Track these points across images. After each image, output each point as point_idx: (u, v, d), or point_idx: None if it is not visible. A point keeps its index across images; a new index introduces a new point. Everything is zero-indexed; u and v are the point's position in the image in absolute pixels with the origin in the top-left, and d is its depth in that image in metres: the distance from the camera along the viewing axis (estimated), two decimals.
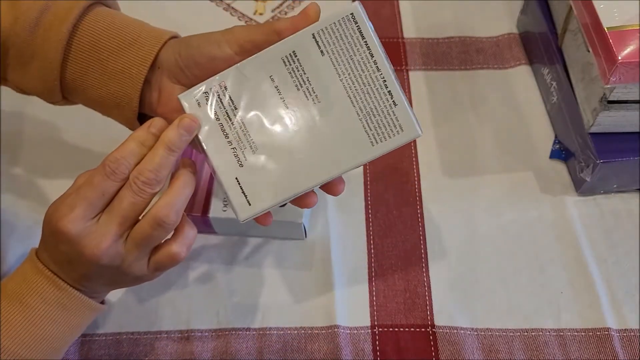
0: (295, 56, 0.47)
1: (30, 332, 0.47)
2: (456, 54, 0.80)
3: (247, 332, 0.60)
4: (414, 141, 0.72)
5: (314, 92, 0.47)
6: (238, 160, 0.48)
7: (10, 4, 0.51)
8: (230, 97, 0.47)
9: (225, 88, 0.47)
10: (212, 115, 0.48)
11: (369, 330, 0.60)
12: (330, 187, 0.51)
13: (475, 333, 0.59)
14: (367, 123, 0.47)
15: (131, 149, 0.47)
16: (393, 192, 0.69)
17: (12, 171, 0.71)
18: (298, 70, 0.47)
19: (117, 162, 0.46)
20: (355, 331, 0.60)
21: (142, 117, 0.53)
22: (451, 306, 0.61)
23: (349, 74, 0.47)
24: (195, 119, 0.47)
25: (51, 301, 0.48)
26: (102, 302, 0.53)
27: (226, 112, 0.48)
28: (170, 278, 0.62)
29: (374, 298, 0.62)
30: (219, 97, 0.47)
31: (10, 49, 0.51)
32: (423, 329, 0.60)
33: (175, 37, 0.53)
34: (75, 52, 0.51)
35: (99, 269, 0.47)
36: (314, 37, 0.47)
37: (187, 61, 0.50)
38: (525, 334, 0.59)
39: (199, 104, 0.47)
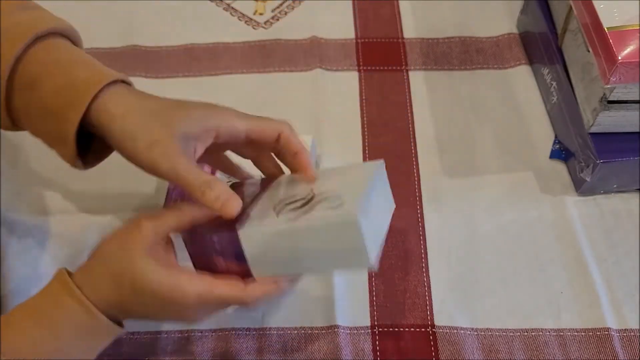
0: None
1: (57, 356, 0.47)
2: (456, 54, 0.80)
3: (247, 332, 0.60)
4: (414, 141, 0.72)
5: None
6: None
7: None
8: None
9: None
10: None
11: (369, 330, 0.60)
12: None
13: (475, 333, 0.59)
14: None
15: (271, 293, 0.49)
16: (393, 191, 0.68)
17: (11, 171, 0.71)
18: None
19: (256, 300, 0.48)
20: (356, 331, 0.60)
21: None
22: (451, 306, 0.61)
23: None
24: None
25: (81, 328, 0.47)
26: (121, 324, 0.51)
27: None
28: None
29: (374, 298, 0.62)
30: None
31: None
32: (423, 329, 0.60)
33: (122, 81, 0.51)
34: (18, 85, 0.49)
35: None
36: None
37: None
38: (525, 334, 0.59)
39: None
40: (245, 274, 0.50)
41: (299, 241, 0.47)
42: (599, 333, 0.59)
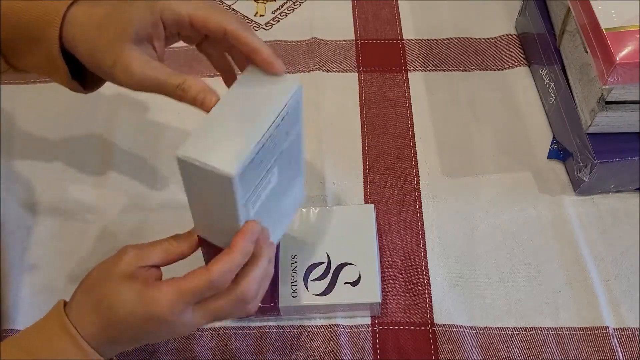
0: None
1: None
2: (455, 55, 0.80)
3: (247, 331, 0.60)
4: (413, 141, 0.72)
5: None
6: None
7: None
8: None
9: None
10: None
11: (369, 329, 0.60)
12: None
13: (474, 331, 0.60)
14: None
15: (235, 261, 0.46)
16: (392, 191, 0.69)
17: (11, 171, 0.71)
18: None
19: (222, 276, 0.45)
20: (356, 329, 0.60)
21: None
22: (450, 305, 0.61)
23: None
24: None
25: None
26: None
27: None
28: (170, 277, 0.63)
29: None
30: None
31: None
32: (423, 328, 0.60)
33: None
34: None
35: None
36: None
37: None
38: (524, 332, 0.60)
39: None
40: None
41: None
42: (597, 332, 0.59)
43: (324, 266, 0.59)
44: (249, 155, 0.42)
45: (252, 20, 0.85)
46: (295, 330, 0.60)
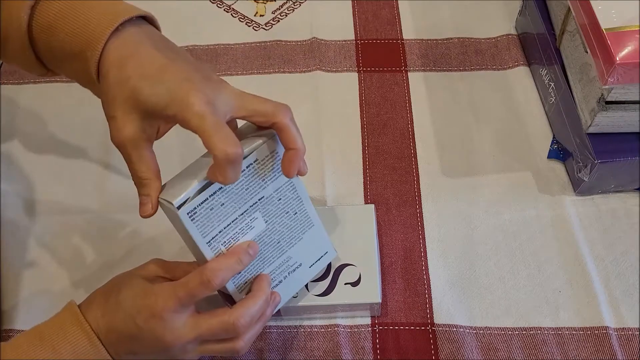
0: None
1: None
2: (455, 55, 0.80)
3: None
4: (413, 141, 0.73)
5: None
6: None
7: None
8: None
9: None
10: None
11: (369, 329, 0.60)
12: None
13: (474, 331, 0.60)
14: None
15: (230, 265, 0.49)
16: (392, 191, 0.69)
17: (11, 171, 0.71)
18: None
19: (215, 273, 0.47)
20: (356, 329, 0.60)
21: None
22: (450, 305, 0.61)
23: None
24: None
25: (81, 356, 0.48)
26: None
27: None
28: None
29: None
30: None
31: None
32: (423, 328, 0.60)
33: (142, 16, 0.49)
34: (37, 31, 0.49)
35: (160, 354, 0.49)
36: None
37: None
38: (524, 332, 0.60)
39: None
40: None
41: None
42: (597, 331, 0.59)
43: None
44: (194, 189, 0.46)
45: (252, 20, 0.85)
46: (295, 330, 0.60)
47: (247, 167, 0.48)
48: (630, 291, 0.62)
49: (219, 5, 0.87)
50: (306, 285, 0.58)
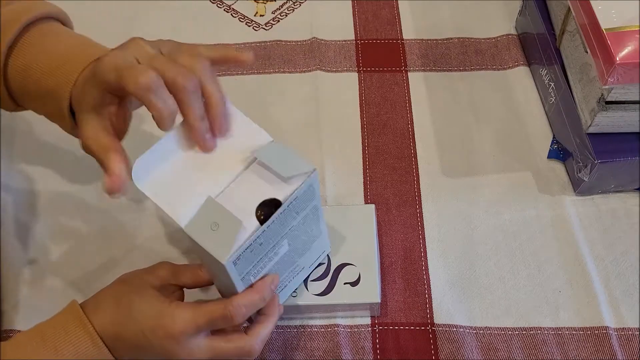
0: None
1: None
2: (455, 55, 0.80)
3: None
4: (413, 141, 0.73)
5: None
6: None
7: None
8: None
9: None
10: None
11: (369, 329, 0.60)
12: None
13: (474, 331, 0.60)
14: None
15: (254, 302, 0.49)
16: (392, 191, 0.69)
17: (11, 171, 0.71)
18: None
19: (239, 309, 0.48)
20: (356, 329, 0.60)
21: None
22: (450, 305, 0.61)
23: None
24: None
25: (83, 356, 0.48)
26: None
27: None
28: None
29: None
30: None
31: None
32: (423, 328, 0.60)
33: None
34: (12, 72, 0.52)
35: None
36: None
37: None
38: (524, 332, 0.60)
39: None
40: None
41: None
42: (597, 331, 0.59)
43: (324, 266, 0.59)
44: (243, 245, 0.44)
45: (252, 20, 0.85)
46: (295, 330, 0.60)
47: (288, 206, 0.47)
48: (630, 291, 0.62)
49: (219, 5, 0.87)
50: (305, 285, 0.58)
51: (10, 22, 0.51)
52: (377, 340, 0.60)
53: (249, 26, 0.84)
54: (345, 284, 0.58)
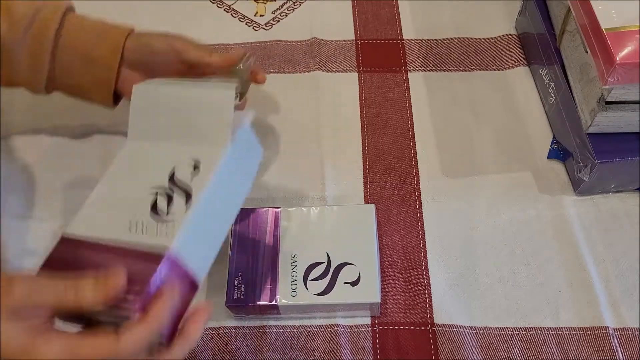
0: None
1: None
2: (455, 55, 0.80)
3: (247, 331, 0.60)
4: (413, 141, 0.73)
5: None
6: None
7: (4, 12, 0.59)
8: None
9: None
10: None
11: (369, 329, 0.60)
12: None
13: (474, 331, 0.60)
14: None
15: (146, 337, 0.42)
16: (392, 191, 0.69)
17: (11, 171, 0.71)
18: None
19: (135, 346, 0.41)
20: (356, 329, 0.60)
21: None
22: (450, 305, 0.61)
23: None
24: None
25: None
26: None
27: None
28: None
29: None
30: None
31: (4, 49, 0.59)
32: (423, 328, 0.60)
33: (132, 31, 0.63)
34: (62, 48, 0.60)
35: None
36: None
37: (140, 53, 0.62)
38: (524, 332, 0.60)
39: None
40: None
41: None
42: (597, 332, 0.59)
43: (323, 266, 0.59)
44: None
45: (252, 20, 0.85)
46: (295, 330, 0.60)
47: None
48: (630, 291, 0.62)
49: (219, 5, 0.87)
50: (305, 284, 0.58)
51: (52, 9, 0.60)
52: (377, 340, 0.60)
53: (249, 26, 0.84)
54: (345, 283, 0.58)
